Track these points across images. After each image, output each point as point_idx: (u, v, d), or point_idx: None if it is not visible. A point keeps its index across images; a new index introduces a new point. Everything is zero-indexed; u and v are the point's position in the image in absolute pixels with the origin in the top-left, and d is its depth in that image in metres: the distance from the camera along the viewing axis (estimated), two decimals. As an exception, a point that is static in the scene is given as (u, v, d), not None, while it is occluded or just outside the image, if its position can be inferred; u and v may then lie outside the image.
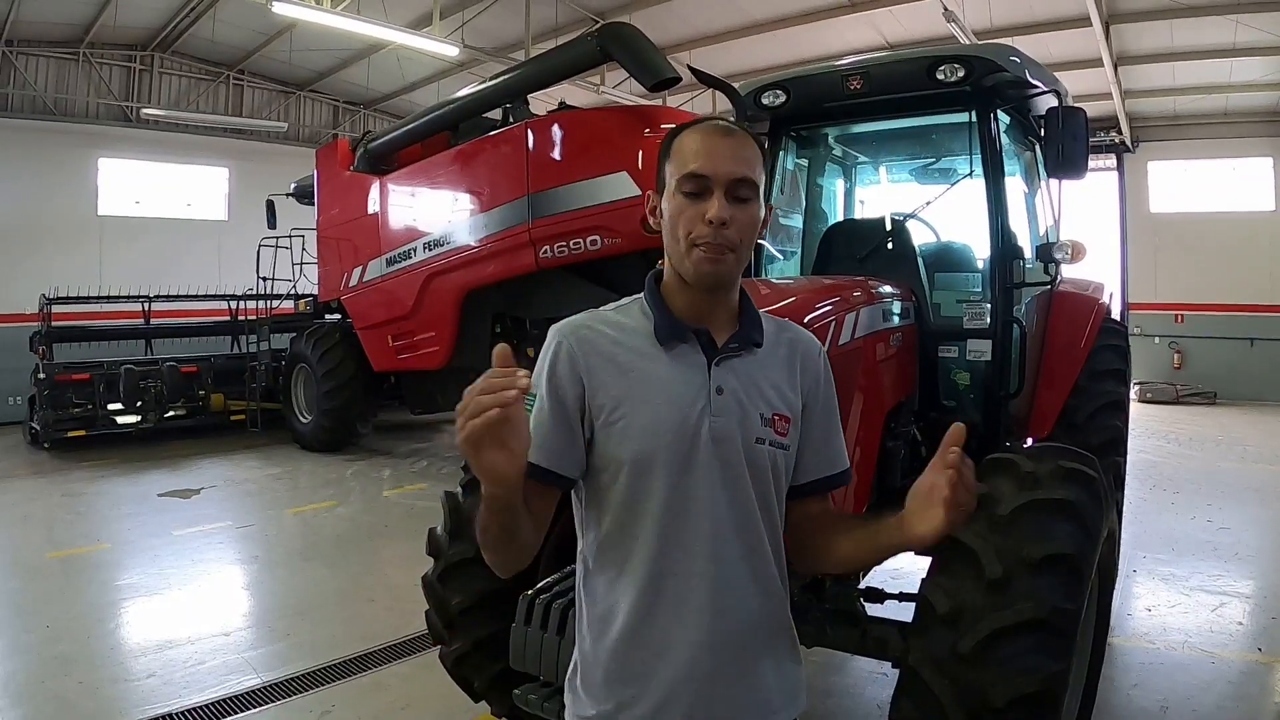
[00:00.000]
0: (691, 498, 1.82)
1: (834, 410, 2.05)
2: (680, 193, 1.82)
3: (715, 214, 1.77)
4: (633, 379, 1.85)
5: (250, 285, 15.18)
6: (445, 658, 4.12)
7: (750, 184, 1.82)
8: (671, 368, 1.86)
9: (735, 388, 1.86)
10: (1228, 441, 13.64)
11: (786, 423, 1.91)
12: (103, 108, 19.00)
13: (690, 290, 1.88)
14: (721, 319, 1.91)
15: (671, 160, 1.86)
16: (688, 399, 1.83)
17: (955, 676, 2.91)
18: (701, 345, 1.87)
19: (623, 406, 1.83)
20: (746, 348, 1.91)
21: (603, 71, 15.77)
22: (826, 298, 3.85)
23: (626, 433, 1.82)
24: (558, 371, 1.85)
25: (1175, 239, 18.77)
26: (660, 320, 1.89)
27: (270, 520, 9.30)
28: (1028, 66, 4.81)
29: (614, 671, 1.86)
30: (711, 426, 1.83)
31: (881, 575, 4.84)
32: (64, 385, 12.81)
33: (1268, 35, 13.92)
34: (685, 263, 1.83)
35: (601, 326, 1.91)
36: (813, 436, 2.00)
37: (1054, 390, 5.33)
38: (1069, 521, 3.18)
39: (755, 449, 1.86)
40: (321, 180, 13.72)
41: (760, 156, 1.87)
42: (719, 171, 1.79)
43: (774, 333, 1.98)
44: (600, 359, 1.86)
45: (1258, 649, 5.73)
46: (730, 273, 1.84)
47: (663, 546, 1.83)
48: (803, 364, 1.99)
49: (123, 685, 5.28)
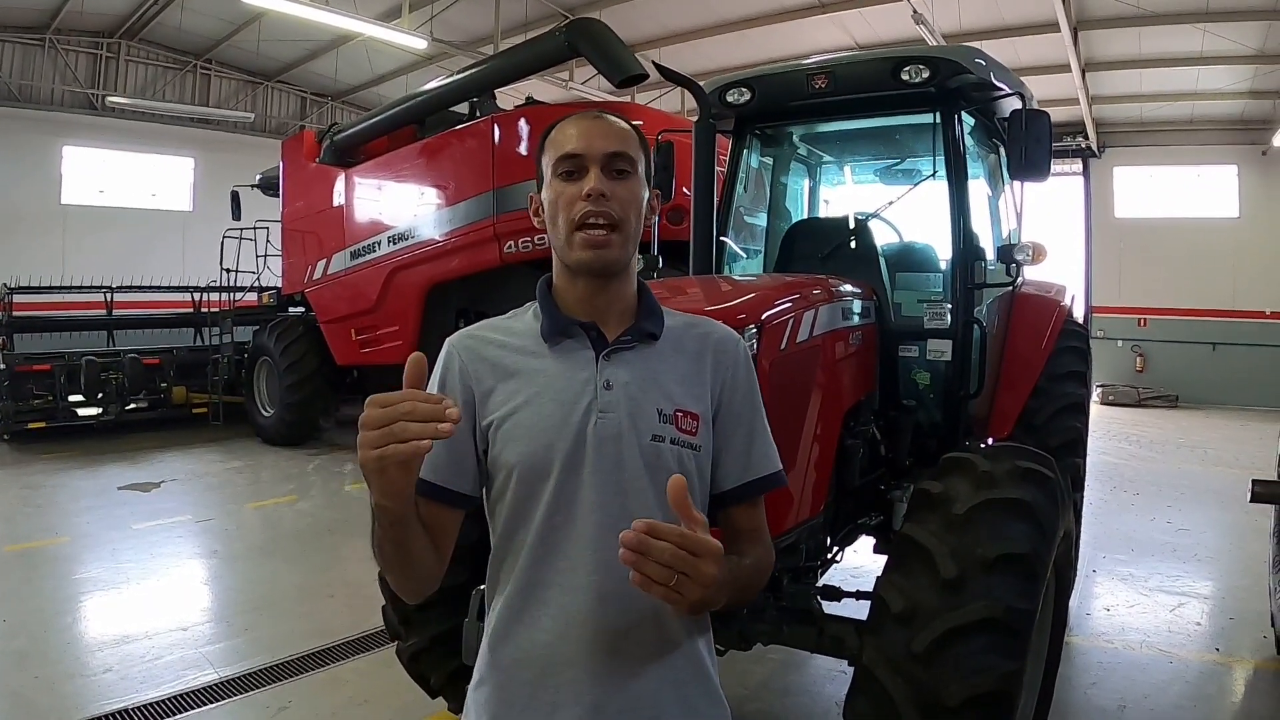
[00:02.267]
0: (577, 501, 1.70)
1: (758, 408, 1.89)
2: (556, 176, 1.76)
3: (593, 185, 1.71)
4: (519, 381, 1.75)
5: (214, 277, 15.04)
6: (402, 653, 4.11)
7: (627, 158, 1.75)
8: (557, 365, 1.76)
9: (627, 382, 1.74)
10: (1189, 444, 13.79)
11: (694, 420, 1.76)
12: (68, 95, 18.84)
13: (579, 282, 1.79)
14: (616, 313, 1.81)
15: (547, 151, 1.80)
16: (572, 395, 1.73)
17: (909, 675, 2.93)
18: (591, 340, 1.77)
19: (509, 410, 1.73)
20: (641, 340, 1.79)
21: (571, 67, 15.74)
22: (786, 295, 3.85)
23: (512, 435, 1.72)
24: (448, 384, 1.77)
25: (1140, 244, 18.98)
26: (547, 318, 1.80)
27: (230, 514, 9.22)
28: (992, 69, 4.83)
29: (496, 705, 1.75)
30: (598, 424, 1.71)
31: (840, 573, 4.85)
32: (24, 376, 12.61)
33: (1234, 44, 14.10)
34: (569, 250, 1.75)
35: (490, 334, 1.83)
36: (734, 437, 1.84)
37: (1014, 391, 5.35)
38: (1024, 521, 3.20)
39: (654, 448, 1.72)
40: (287, 172, 13.63)
41: (639, 141, 1.81)
42: (593, 148, 1.73)
43: (682, 328, 1.86)
44: (487, 365, 1.77)
45: (1215, 649, 5.78)
46: (617, 256, 1.76)
47: (543, 554, 1.72)
48: (715, 359, 1.84)
49: (79, 680, 5.21)
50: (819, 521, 3.90)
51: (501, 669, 1.74)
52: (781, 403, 3.56)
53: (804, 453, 3.69)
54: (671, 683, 1.73)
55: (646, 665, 1.70)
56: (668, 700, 1.72)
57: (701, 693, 1.78)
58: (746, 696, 5.03)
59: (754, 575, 1.80)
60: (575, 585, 1.69)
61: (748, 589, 1.78)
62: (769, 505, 3.23)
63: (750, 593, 1.81)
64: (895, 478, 4.71)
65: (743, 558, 1.76)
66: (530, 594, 1.72)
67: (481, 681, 1.79)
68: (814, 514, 3.81)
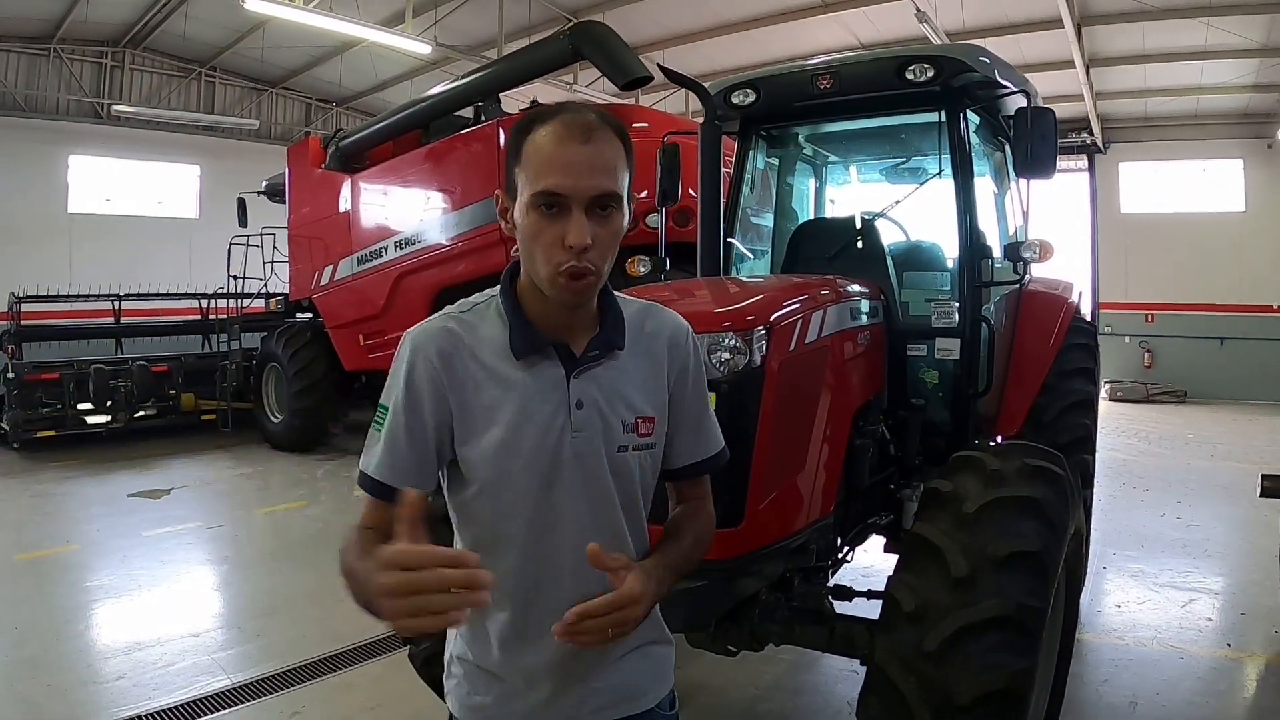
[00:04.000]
0: (556, 514, 1.77)
1: (704, 393, 1.98)
2: (534, 207, 1.67)
3: (576, 240, 1.64)
4: (491, 396, 1.75)
5: (221, 284, 15.08)
6: (415, 658, 4.10)
7: (613, 196, 1.69)
8: (529, 383, 1.75)
9: (596, 398, 1.77)
10: (1197, 440, 13.74)
11: (651, 423, 1.84)
12: (73, 104, 18.88)
13: (550, 303, 1.75)
14: (581, 323, 1.81)
15: (523, 165, 1.70)
16: (546, 415, 1.74)
17: (921, 674, 2.92)
18: (560, 357, 1.77)
19: (481, 423, 1.74)
20: (607, 353, 1.81)
21: (575, 70, 15.80)
22: (794, 296, 3.85)
23: (488, 453, 1.74)
24: (414, 384, 1.75)
25: (1146, 239, 18.93)
26: (516, 332, 1.77)
27: (241, 520, 9.25)
28: (997, 67, 4.83)
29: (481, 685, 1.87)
30: (574, 444, 1.75)
31: (851, 572, 4.85)
32: (33, 385, 12.65)
33: (1238, 38, 14.05)
34: (544, 285, 1.71)
35: (458, 330, 1.79)
36: (684, 421, 1.93)
37: (1022, 389, 5.34)
38: (1035, 519, 3.20)
39: (618, 457, 1.80)
40: (293, 178, 13.64)
41: (623, 151, 1.72)
42: (579, 188, 1.64)
43: (637, 324, 1.87)
44: (456, 375, 1.75)
45: (1226, 645, 5.77)
46: (592, 291, 1.74)
47: (526, 566, 1.78)
48: (669, 352, 1.89)
49: (92, 688, 5.22)
50: (829, 521, 3.90)
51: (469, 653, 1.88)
52: (791, 403, 3.57)
53: (814, 453, 3.69)
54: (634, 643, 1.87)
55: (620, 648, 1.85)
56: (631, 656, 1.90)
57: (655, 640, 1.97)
58: (759, 696, 5.03)
59: (694, 549, 1.94)
60: (561, 587, 1.76)
61: (689, 562, 1.91)
62: (779, 508, 3.26)
63: (692, 564, 1.93)
64: (905, 477, 4.71)
65: (680, 540, 1.92)
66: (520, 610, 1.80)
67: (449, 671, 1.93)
68: (824, 514, 3.81)
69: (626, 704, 1.88)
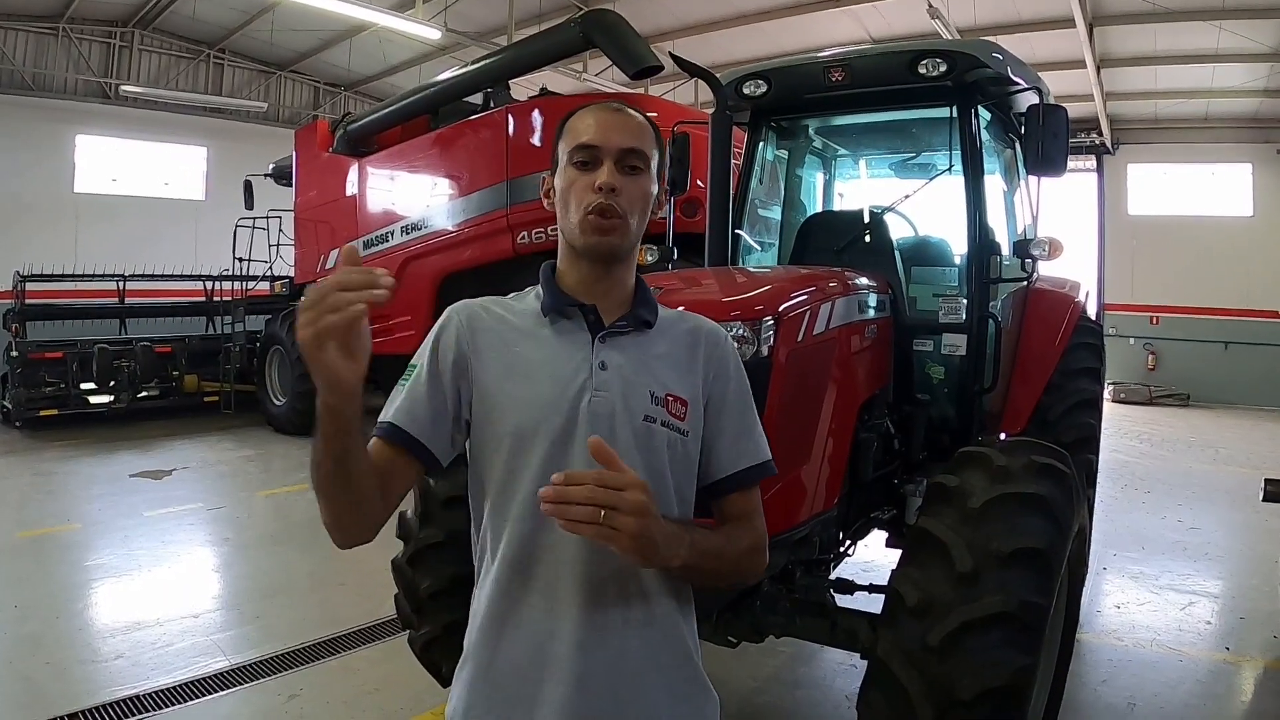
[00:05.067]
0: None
1: (748, 400, 1.95)
2: (571, 164, 1.82)
3: (605, 180, 1.77)
4: (516, 354, 1.81)
5: (226, 266, 15.08)
6: (414, 642, 4.12)
7: (641, 155, 1.82)
8: (555, 343, 1.82)
9: (621, 364, 1.80)
10: (1200, 443, 13.75)
11: (683, 405, 1.82)
12: (81, 84, 18.86)
13: (582, 265, 1.85)
14: (614, 299, 1.86)
15: (564, 138, 1.86)
16: (568, 373, 1.78)
17: (924, 668, 2.92)
18: (588, 322, 1.83)
19: (504, 381, 1.79)
20: (637, 327, 1.85)
21: (585, 58, 15.78)
22: (802, 287, 3.83)
23: (506, 407, 1.77)
24: (442, 343, 1.83)
25: (1153, 241, 18.90)
26: (548, 297, 1.86)
27: (242, 502, 9.26)
28: (1010, 63, 4.80)
29: (476, 680, 1.78)
30: (592, 403, 1.76)
31: (852, 567, 4.85)
32: (37, 364, 12.69)
33: (1250, 41, 14.02)
34: (576, 233, 1.81)
35: (494, 308, 1.89)
36: (726, 428, 1.89)
37: (1028, 386, 5.33)
38: (1040, 516, 3.20)
39: (645, 427, 1.77)
40: (300, 161, 13.65)
41: (654, 137, 1.87)
42: (609, 142, 1.79)
43: (673, 320, 1.93)
44: (485, 337, 1.82)
45: (1225, 648, 5.77)
46: (620, 243, 1.81)
47: (533, 527, 1.72)
48: (706, 350, 1.90)
49: (91, 666, 5.23)
50: (833, 514, 3.90)
51: (489, 646, 1.77)
52: (797, 395, 3.56)
53: (819, 445, 3.68)
54: (655, 665, 1.77)
55: (631, 647, 1.74)
56: (653, 684, 1.76)
57: (685, 678, 1.83)
58: (757, 689, 5.03)
59: (745, 559, 1.85)
60: (563, 559, 1.72)
61: (722, 560, 1.80)
62: (782, 500, 3.24)
63: (727, 565, 1.82)
64: (908, 472, 4.70)
65: (736, 541, 1.83)
66: (520, 568, 1.75)
67: (468, 658, 1.81)
68: (828, 507, 3.80)
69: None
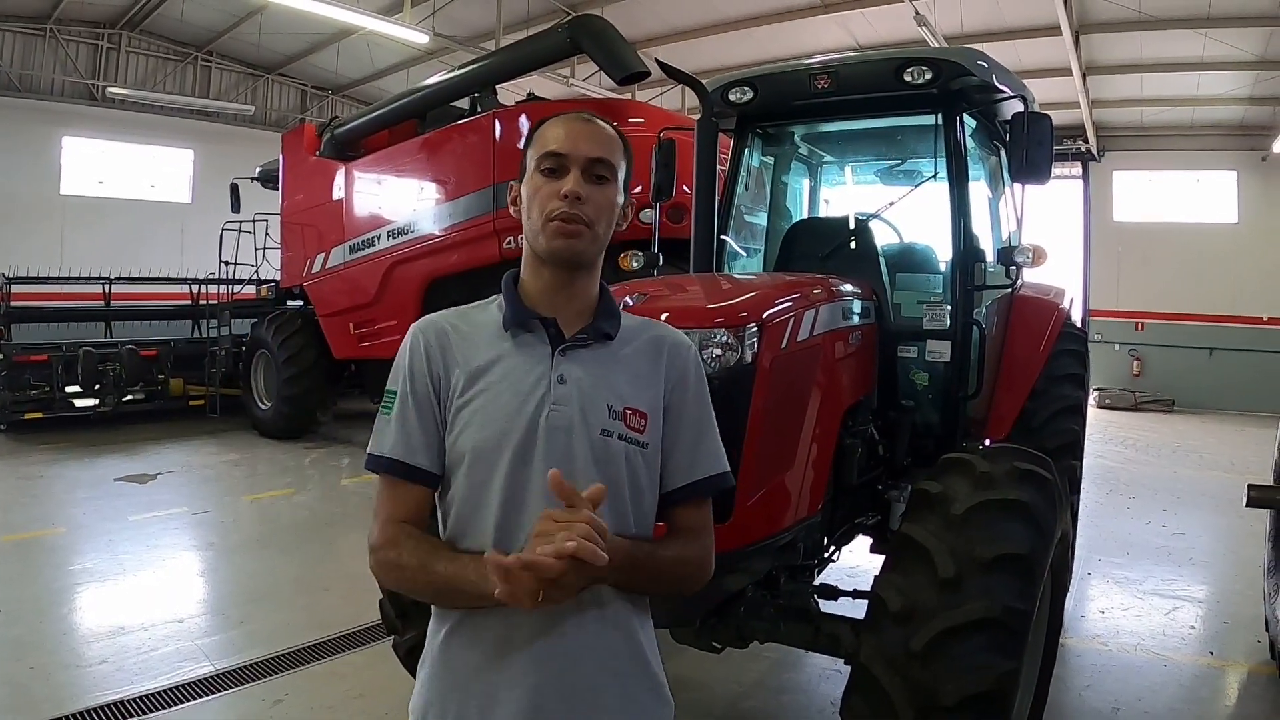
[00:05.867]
0: (529, 490, 1.77)
1: (707, 410, 1.97)
2: (538, 171, 1.85)
3: (570, 187, 1.80)
4: (478, 369, 1.83)
5: (212, 269, 15.03)
6: (398, 647, 4.11)
7: (608, 165, 1.85)
8: (515, 356, 1.84)
9: (580, 377, 1.82)
10: (1184, 449, 13.83)
11: (642, 419, 1.84)
12: (68, 85, 18.84)
13: (545, 272, 1.88)
14: (575, 309, 1.90)
15: (533, 146, 1.90)
16: (527, 387, 1.81)
17: (906, 674, 2.93)
18: (549, 335, 1.86)
19: (467, 397, 1.82)
20: (597, 339, 1.88)
21: (573, 64, 15.72)
22: (787, 294, 3.85)
23: (469, 423, 1.80)
24: (415, 368, 1.85)
25: (1138, 248, 19.03)
26: (509, 310, 1.89)
27: (227, 507, 9.22)
28: (995, 71, 4.83)
29: (434, 680, 1.83)
30: (550, 416, 1.78)
31: (838, 572, 4.86)
32: (22, 366, 12.60)
33: (1235, 49, 14.12)
34: (540, 238, 1.84)
35: (456, 321, 1.92)
36: (682, 437, 1.91)
37: (1012, 393, 5.35)
38: (1022, 522, 3.21)
39: (602, 441, 1.79)
40: (287, 165, 13.62)
41: (624, 148, 1.91)
42: (577, 150, 1.82)
43: (636, 329, 1.95)
44: (451, 353, 1.86)
45: (1209, 652, 5.79)
46: (585, 250, 1.85)
47: (498, 540, 1.75)
48: (669, 360, 1.92)
49: (75, 671, 5.20)
50: (817, 520, 3.91)
51: (449, 650, 1.81)
52: (781, 401, 3.57)
53: (803, 452, 3.69)
54: (613, 672, 1.79)
55: (587, 651, 1.76)
56: (608, 688, 1.78)
57: (643, 686, 1.85)
58: (741, 694, 5.04)
59: (673, 566, 1.86)
60: None
61: (658, 577, 1.84)
62: (766, 506, 3.24)
63: (661, 581, 1.86)
64: (893, 478, 4.71)
65: (659, 546, 1.85)
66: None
67: (428, 656, 1.86)
68: (812, 513, 3.81)
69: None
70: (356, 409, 14.75)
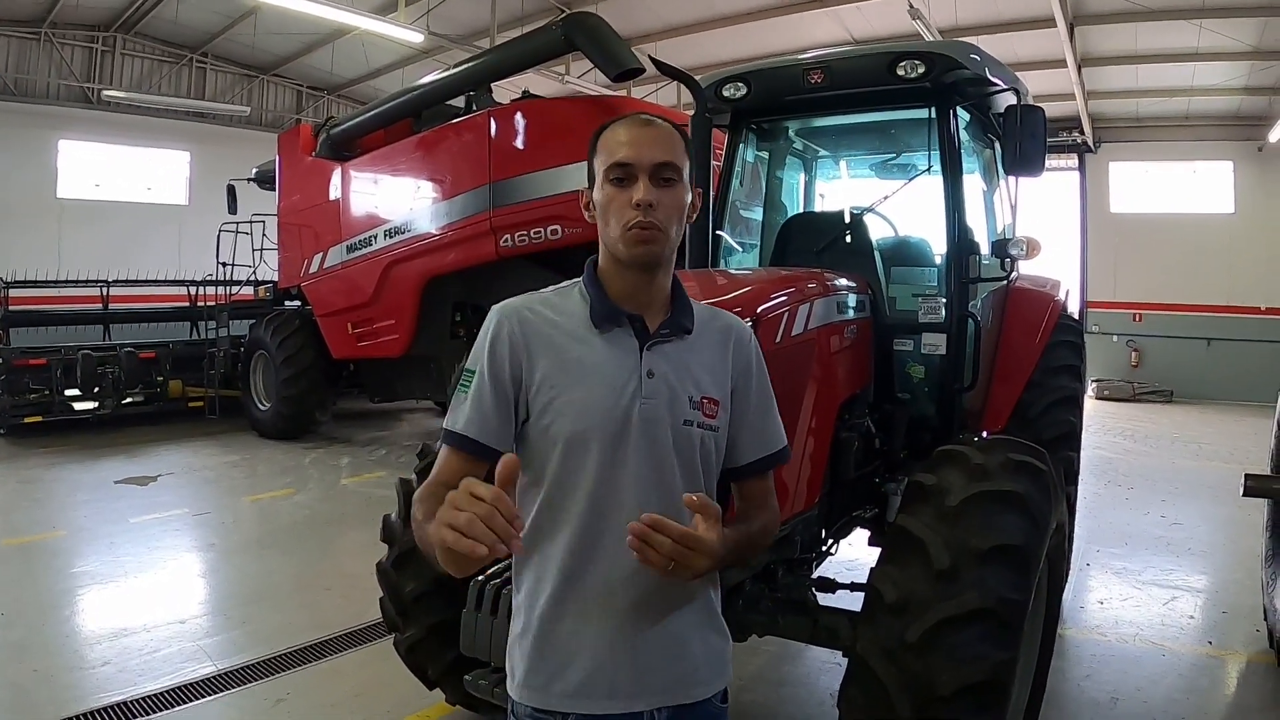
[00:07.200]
0: (621, 475, 1.91)
1: (768, 393, 2.14)
2: (608, 182, 1.93)
3: (641, 197, 1.88)
4: (568, 361, 1.94)
5: (210, 271, 15.03)
6: (399, 645, 4.13)
7: (673, 168, 1.93)
8: (605, 351, 1.95)
9: (665, 372, 1.95)
10: (1183, 439, 13.83)
11: (715, 405, 2.00)
12: (63, 89, 18.81)
13: (625, 273, 1.97)
14: (655, 304, 2.01)
15: (599, 154, 1.97)
16: (620, 382, 1.92)
17: (903, 665, 2.95)
18: (635, 330, 1.97)
19: (559, 387, 1.92)
20: (677, 334, 2.00)
21: (567, 61, 15.79)
22: (781, 288, 3.86)
23: (562, 412, 1.91)
24: (497, 351, 1.94)
25: (1135, 239, 19.03)
26: (596, 304, 1.98)
27: (227, 508, 9.23)
28: (988, 64, 4.83)
29: (542, 645, 1.95)
30: (642, 409, 1.92)
31: (836, 565, 4.87)
32: (21, 370, 12.58)
33: (1230, 40, 14.11)
34: (619, 245, 1.93)
35: (541, 309, 2.00)
36: (748, 418, 2.08)
37: (1008, 384, 5.36)
38: (1017, 513, 3.23)
39: (683, 430, 1.95)
40: (283, 166, 13.58)
41: (683, 144, 1.98)
42: (642, 158, 1.90)
43: (706, 319, 2.08)
44: (539, 341, 1.95)
45: (1208, 642, 5.81)
46: (660, 252, 1.94)
47: (591, 522, 1.91)
48: (735, 349, 2.08)
49: (77, 673, 5.22)
50: (814, 514, 3.93)
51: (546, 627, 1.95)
52: (777, 395, 3.58)
53: (800, 446, 3.70)
54: (694, 624, 2.01)
55: (673, 612, 1.96)
56: (691, 638, 2.00)
57: (713, 629, 2.07)
58: (742, 687, 5.04)
59: (760, 536, 2.09)
60: (618, 549, 1.82)
61: (752, 548, 2.07)
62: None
63: (754, 550, 2.11)
64: (890, 471, 4.73)
65: (750, 523, 2.06)
66: (578, 558, 1.93)
67: (522, 640, 1.99)
68: (809, 506, 3.83)
69: (682, 691, 1.98)
70: (355, 409, 14.78)
